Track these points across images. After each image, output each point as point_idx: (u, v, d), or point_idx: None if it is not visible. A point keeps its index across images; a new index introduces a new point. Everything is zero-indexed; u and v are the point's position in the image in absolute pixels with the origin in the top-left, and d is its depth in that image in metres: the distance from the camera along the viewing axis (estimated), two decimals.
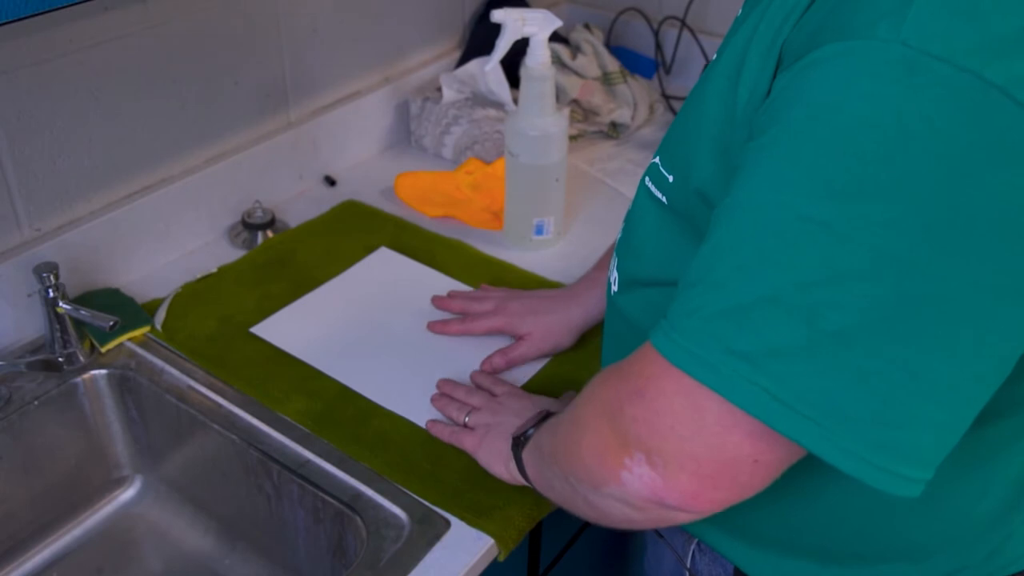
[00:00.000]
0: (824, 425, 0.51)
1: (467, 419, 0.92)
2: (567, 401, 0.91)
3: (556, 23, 1.10)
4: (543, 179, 1.20)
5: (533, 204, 1.21)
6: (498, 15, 1.09)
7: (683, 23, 1.63)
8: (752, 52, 0.58)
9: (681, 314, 0.56)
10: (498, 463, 0.87)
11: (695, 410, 0.55)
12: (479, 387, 0.98)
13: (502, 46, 1.10)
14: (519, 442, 0.82)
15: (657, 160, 0.70)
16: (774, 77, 0.56)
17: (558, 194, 1.22)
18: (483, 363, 1.02)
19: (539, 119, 1.14)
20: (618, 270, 0.77)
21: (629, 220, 0.77)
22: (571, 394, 0.96)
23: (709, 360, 0.53)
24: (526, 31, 1.09)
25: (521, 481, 0.83)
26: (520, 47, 1.55)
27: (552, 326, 1.04)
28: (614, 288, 0.78)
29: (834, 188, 0.50)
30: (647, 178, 0.72)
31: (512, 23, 1.09)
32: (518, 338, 1.04)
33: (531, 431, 0.81)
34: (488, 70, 1.12)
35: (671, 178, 0.67)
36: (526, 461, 0.80)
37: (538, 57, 1.12)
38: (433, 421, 0.95)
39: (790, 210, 0.51)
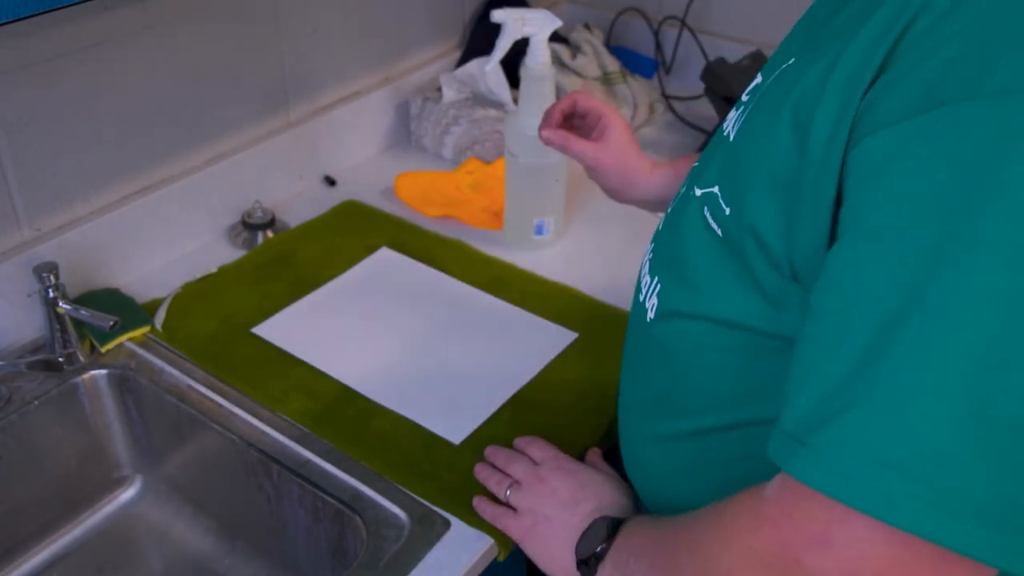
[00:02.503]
0: None
1: (508, 494, 0.85)
2: (626, 489, 0.83)
3: (556, 23, 1.10)
4: (543, 179, 1.19)
5: (533, 204, 1.21)
6: (498, 15, 1.08)
7: (683, 23, 1.63)
8: (826, 101, 0.54)
9: (842, 441, 0.49)
10: (553, 566, 0.80)
11: (909, 557, 0.48)
12: (521, 451, 0.90)
13: (502, 46, 1.09)
14: (589, 562, 0.74)
15: (716, 190, 0.65)
16: (852, 127, 0.52)
17: (558, 194, 1.22)
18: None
19: (539, 119, 1.14)
20: (658, 297, 0.71)
21: (678, 245, 0.70)
22: (596, 460, 0.91)
23: (913, 500, 0.46)
24: (526, 31, 1.09)
25: None
26: (521, 47, 1.55)
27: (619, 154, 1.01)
28: (650, 314, 0.72)
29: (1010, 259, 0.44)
30: (705, 208, 0.66)
31: (512, 23, 1.08)
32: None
33: (602, 549, 0.73)
34: (488, 70, 1.13)
35: (728, 210, 0.63)
36: None
37: (538, 57, 1.12)
38: (479, 499, 0.86)
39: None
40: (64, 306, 0.99)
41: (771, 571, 0.54)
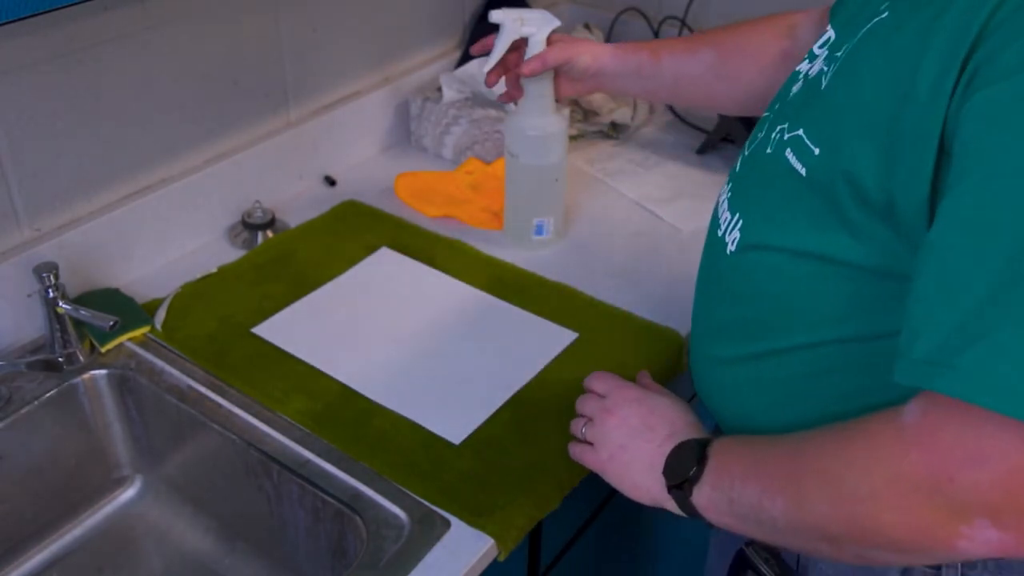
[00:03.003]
0: None
1: (584, 431, 0.87)
2: (675, 402, 0.85)
3: (554, 23, 1.10)
4: (543, 179, 1.19)
5: (533, 204, 1.21)
6: (496, 15, 1.08)
7: (683, 23, 1.63)
8: (931, 53, 0.59)
9: (979, 355, 0.54)
10: (640, 496, 0.82)
11: None
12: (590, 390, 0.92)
13: (500, 46, 1.09)
14: (682, 486, 0.76)
15: (801, 133, 0.69)
16: (961, 71, 0.57)
17: (558, 194, 1.22)
18: (523, 65, 1.08)
19: (539, 119, 1.14)
20: (740, 231, 0.76)
21: (761, 184, 0.75)
22: (649, 381, 0.92)
23: None
24: (524, 31, 1.09)
25: (677, 511, 0.79)
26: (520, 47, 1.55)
27: (576, 41, 1.11)
28: (730, 247, 0.77)
29: None
30: (788, 149, 0.71)
31: (510, 23, 1.08)
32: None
33: (695, 472, 0.74)
34: (487, 71, 1.13)
35: (817, 151, 0.67)
36: (705, 506, 0.74)
37: None
38: (571, 443, 0.89)
39: None
40: (64, 306, 0.99)
41: (920, 492, 0.57)
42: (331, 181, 1.38)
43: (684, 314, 1.12)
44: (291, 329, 1.08)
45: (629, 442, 0.82)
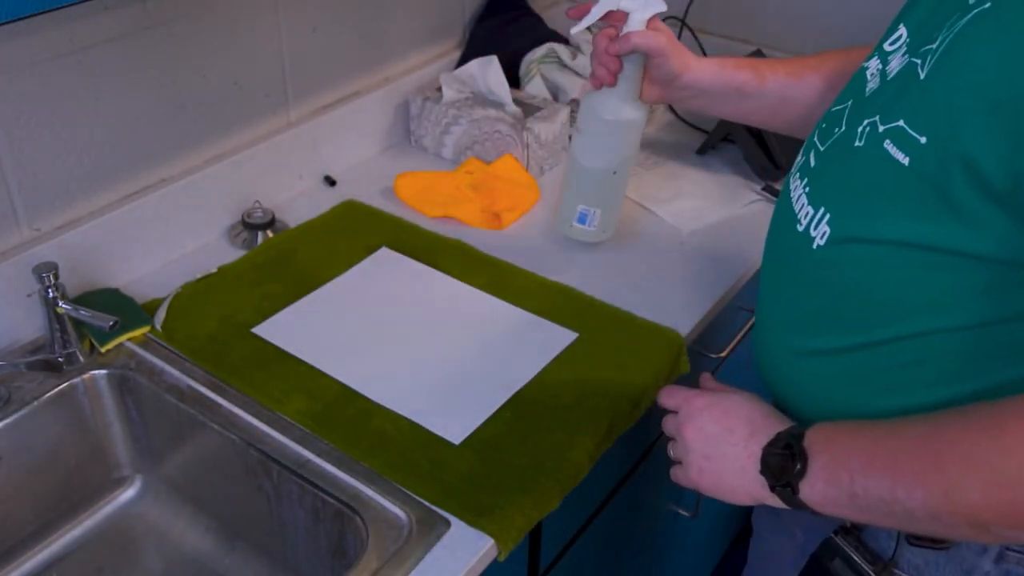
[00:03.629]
0: None
1: (672, 451, 0.86)
2: (747, 397, 0.83)
3: (659, 6, 1.01)
4: (601, 167, 1.12)
5: (583, 190, 1.15)
6: None
7: (683, 23, 1.63)
8: None
9: None
10: (741, 499, 0.80)
11: None
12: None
13: (595, 12, 1.01)
14: (787, 486, 0.74)
15: (902, 123, 0.68)
16: None
17: (614, 189, 1.15)
18: (614, 41, 1.01)
19: (616, 103, 1.07)
20: (830, 225, 0.75)
21: (851, 177, 0.74)
22: (712, 383, 0.89)
23: None
24: (623, 4, 1.01)
25: (782, 506, 0.77)
26: (522, 47, 1.55)
27: (678, 44, 1.04)
28: (818, 241, 0.76)
29: None
30: (887, 140, 0.69)
31: None
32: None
33: (800, 468, 0.72)
34: (574, 32, 1.05)
35: (923, 139, 0.66)
36: (820, 502, 0.72)
37: None
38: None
39: None
40: (64, 306, 0.99)
41: None
42: (331, 181, 1.38)
43: (684, 314, 1.12)
44: (291, 329, 1.08)
45: (713, 451, 0.81)
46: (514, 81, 1.51)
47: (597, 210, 1.16)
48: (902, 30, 0.77)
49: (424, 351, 1.06)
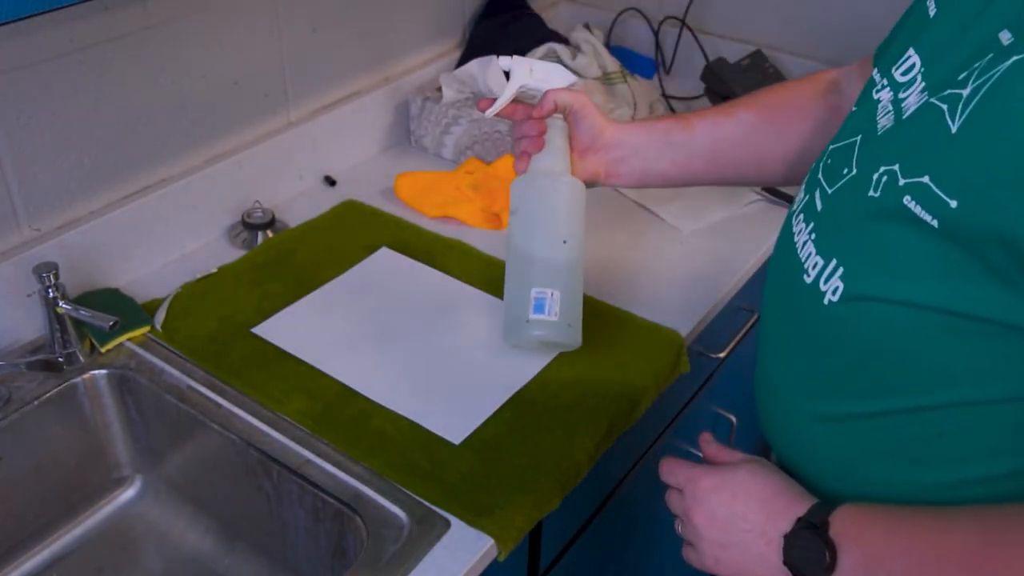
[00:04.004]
0: None
1: (681, 530, 0.80)
2: (766, 467, 0.77)
3: (569, 78, 0.98)
4: (547, 237, 0.95)
5: (530, 276, 0.94)
6: (504, 61, 0.97)
7: (683, 23, 1.63)
8: None
9: None
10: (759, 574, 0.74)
11: None
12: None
13: (506, 94, 0.96)
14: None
15: (927, 180, 0.61)
16: None
17: (567, 269, 0.95)
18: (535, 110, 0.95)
19: (547, 165, 0.97)
20: (843, 280, 0.68)
21: (865, 229, 0.67)
22: (717, 452, 0.82)
23: None
24: (534, 83, 0.96)
25: None
26: (522, 47, 1.55)
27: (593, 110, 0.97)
28: (830, 297, 0.69)
29: None
30: (908, 196, 0.62)
31: (519, 69, 0.96)
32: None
33: (828, 561, 0.66)
34: (488, 116, 0.98)
35: (954, 203, 0.59)
36: None
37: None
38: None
39: None
40: (64, 306, 0.99)
41: None
42: (331, 181, 1.38)
43: (684, 314, 1.12)
44: (291, 329, 1.08)
45: (728, 539, 0.74)
46: None
47: (554, 291, 0.93)
48: (913, 56, 0.69)
49: (424, 351, 1.06)
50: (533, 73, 0.96)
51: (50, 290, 0.98)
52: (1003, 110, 0.57)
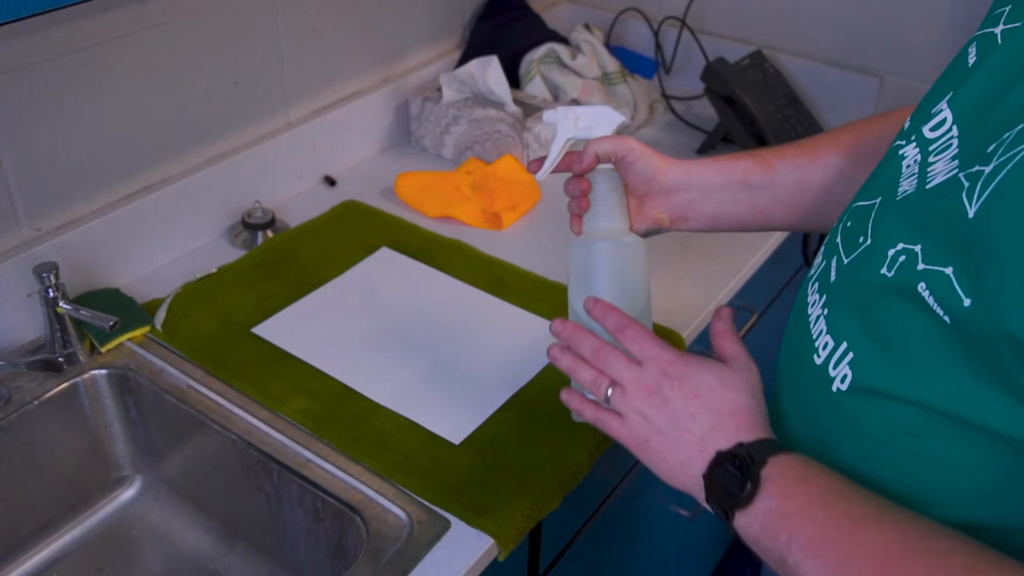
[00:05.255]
0: None
1: (609, 395, 0.74)
2: (744, 382, 0.73)
3: (617, 119, 0.88)
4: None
5: None
6: (548, 115, 0.89)
7: (683, 23, 1.63)
8: None
9: None
10: (672, 480, 0.72)
11: None
12: (607, 344, 0.77)
13: (555, 150, 0.88)
14: (721, 508, 0.67)
15: (950, 272, 0.54)
16: None
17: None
18: (575, 160, 0.85)
19: (602, 229, 0.87)
20: (851, 368, 0.62)
21: (875, 313, 0.61)
22: (742, 359, 0.76)
23: None
24: (580, 133, 0.88)
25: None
26: (522, 47, 1.55)
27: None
28: (838, 384, 0.63)
29: None
30: (923, 286, 0.55)
31: (564, 120, 0.88)
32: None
33: (743, 496, 0.64)
34: (539, 179, 0.89)
35: (967, 302, 0.52)
36: (750, 541, 0.65)
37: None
38: (569, 392, 0.79)
39: None
40: (64, 306, 0.99)
41: None
42: (331, 181, 1.38)
43: (684, 314, 1.12)
44: (291, 329, 1.08)
45: (669, 430, 0.71)
46: (514, 81, 1.51)
47: None
48: (945, 112, 0.62)
49: (424, 351, 1.06)
50: (579, 123, 0.88)
51: (50, 290, 0.98)
52: (1012, 196, 0.50)
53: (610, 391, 0.74)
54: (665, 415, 0.72)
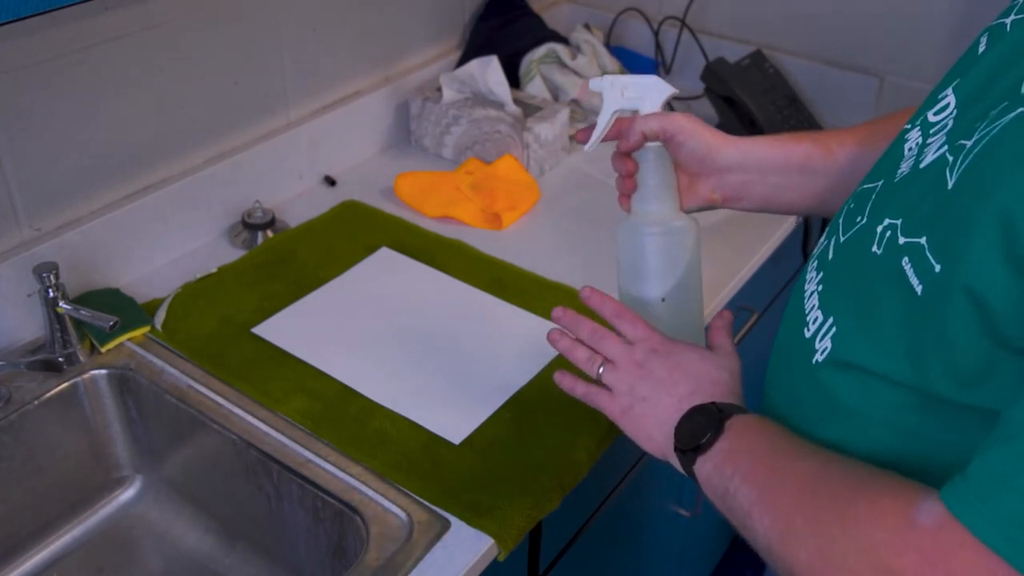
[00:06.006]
0: None
1: (601, 372, 0.81)
2: (726, 364, 0.79)
3: (666, 91, 0.85)
4: (646, 295, 0.89)
5: None
6: (595, 83, 0.87)
7: (683, 23, 1.63)
8: None
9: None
10: (651, 447, 0.78)
11: None
12: (603, 328, 0.83)
13: (602, 122, 0.87)
14: (684, 453, 0.72)
15: (924, 242, 0.56)
16: None
17: (668, 323, 0.86)
18: (622, 136, 0.84)
19: (648, 211, 0.87)
20: (832, 340, 0.64)
21: (861, 289, 0.63)
22: (727, 349, 0.83)
23: None
24: (627, 103, 0.86)
25: (683, 473, 0.75)
26: (522, 47, 1.55)
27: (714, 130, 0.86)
28: (818, 356, 0.66)
29: None
30: (906, 259, 0.57)
31: (610, 91, 0.85)
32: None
33: (704, 441, 0.70)
34: (587, 150, 0.90)
35: (938, 268, 0.54)
36: (704, 481, 0.71)
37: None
38: (562, 373, 0.84)
39: None
40: (64, 306, 0.99)
41: None
42: (331, 181, 1.38)
43: None
44: (291, 329, 1.08)
45: (651, 394, 0.78)
46: (514, 81, 1.51)
47: None
48: (949, 97, 0.63)
49: (424, 351, 1.06)
50: (626, 93, 0.86)
51: (50, 290, 0.98)
52: (987, 167, 0.53)
53: (601, 369, 0.81)
54: (649, 384, 0.79)
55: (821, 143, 0.87)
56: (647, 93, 0.85)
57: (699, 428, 0.72)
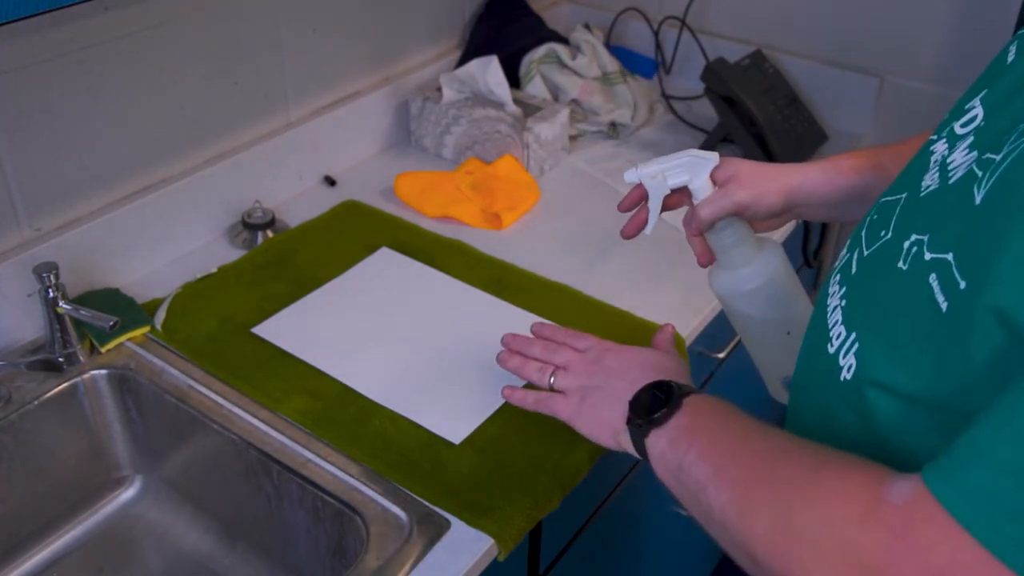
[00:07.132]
0: None
1: (552, 381, 0.83)
2: (677, 358, 0.82)
3: (710, 162, 0.84)
4: (769, 336, 0.90)
5: (774, 362, 0.91)
6: (630, 175, 0.86)
7: (683, 23, 1.63)
8: None
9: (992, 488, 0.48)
10: (604, 434, 0.79)
11: None
12: (555, 343, 0.88)
13: (654, 209, 0.86)
14: (640, 425, 0.72)
15: (951, 258, 0.55)
16: None
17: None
18: (684, 223, 0.85)
19: (732, 273, 0.87)
20: (857, 358, 0.63)
21: (887, 306, 0.61)
22: (668, 338, 0.87)
23: None
24: (673, 183, 0.84)
25: (633, 453, 0.75)
26: (522, 47, 1.55)
27: (760, 172, 0.84)
28: (845, 374, 0.64)
29: None
30: (934, 275, 0.56)
31: (651, 182, 0.85)
32: (718, 186, 0.84)
33: (660, 414, 0.71)
34: (648, 233, 0.89)
35: (963, 284, 0.53)
36: (657, 456, 0.71)
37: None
38: (511, 388, 0.88)
39: None
40: (64, 306, 0.99)
41: (862, 571, 0.52)
42: (331, 181, 1.38)
43: (684, 314, 1.12)
44: (291, 329, 1.08)
45: (604, 383, 0.80)
46: (514, 81, 1.51)
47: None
48: (977, 108, 0.62)
49: (424, 351, 1.06)
50: (669, 180, 0.84)
51: (50, 290, 0.98)
52: (1008, 186, 0.51)
53: (553, 378, 0.85)
54: (602, 375, 0.82)
55: (882, 169, 0.85)
56: (690, 171, 0.84)
57: (655, 402, 0.74)
